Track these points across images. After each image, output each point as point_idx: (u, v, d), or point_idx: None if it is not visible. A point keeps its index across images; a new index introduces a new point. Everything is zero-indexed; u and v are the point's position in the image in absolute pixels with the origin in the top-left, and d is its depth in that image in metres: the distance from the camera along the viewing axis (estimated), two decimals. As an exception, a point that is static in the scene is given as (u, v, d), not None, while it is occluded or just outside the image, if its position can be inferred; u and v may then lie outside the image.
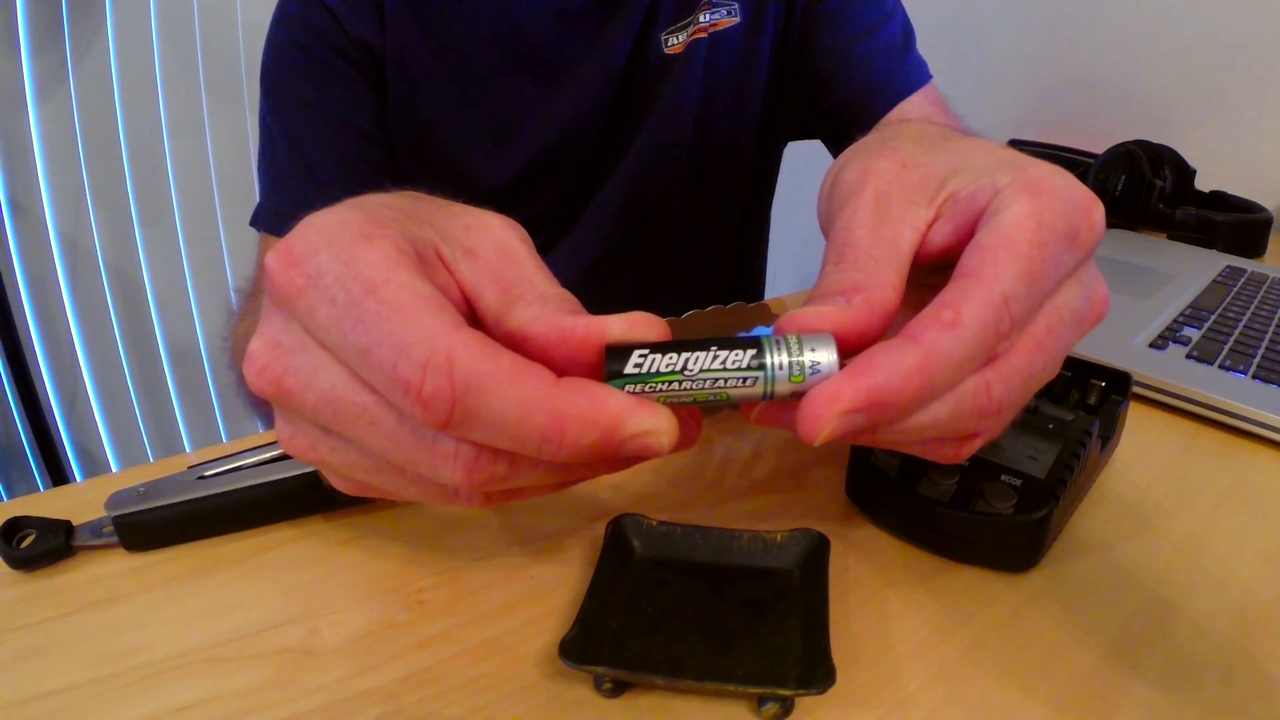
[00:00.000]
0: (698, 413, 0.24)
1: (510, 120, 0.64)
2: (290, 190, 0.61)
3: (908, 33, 0.67)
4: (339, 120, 0.61)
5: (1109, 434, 0.39)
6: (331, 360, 0.21)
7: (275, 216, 0.61)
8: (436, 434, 0.20)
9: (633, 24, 0.62)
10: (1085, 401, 0.40)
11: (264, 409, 0.54)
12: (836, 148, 0.72)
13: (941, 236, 0.25)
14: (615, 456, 0.21)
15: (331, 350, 0.21)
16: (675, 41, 0.63)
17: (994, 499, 0.32)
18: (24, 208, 1.38)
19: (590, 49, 0.62)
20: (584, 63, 0.62)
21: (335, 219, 0.21)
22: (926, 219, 0.25)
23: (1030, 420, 0.37)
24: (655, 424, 0.20)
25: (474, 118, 0.63)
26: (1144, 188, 0.90)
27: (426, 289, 0.20)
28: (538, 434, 0.20)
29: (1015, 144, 1.19)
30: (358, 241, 0.21)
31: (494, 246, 0.23)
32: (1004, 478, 0.33)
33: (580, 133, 0.64)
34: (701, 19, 0.63)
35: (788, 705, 0.26)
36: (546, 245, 0.70)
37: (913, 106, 0.65)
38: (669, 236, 0.71)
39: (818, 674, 0.25)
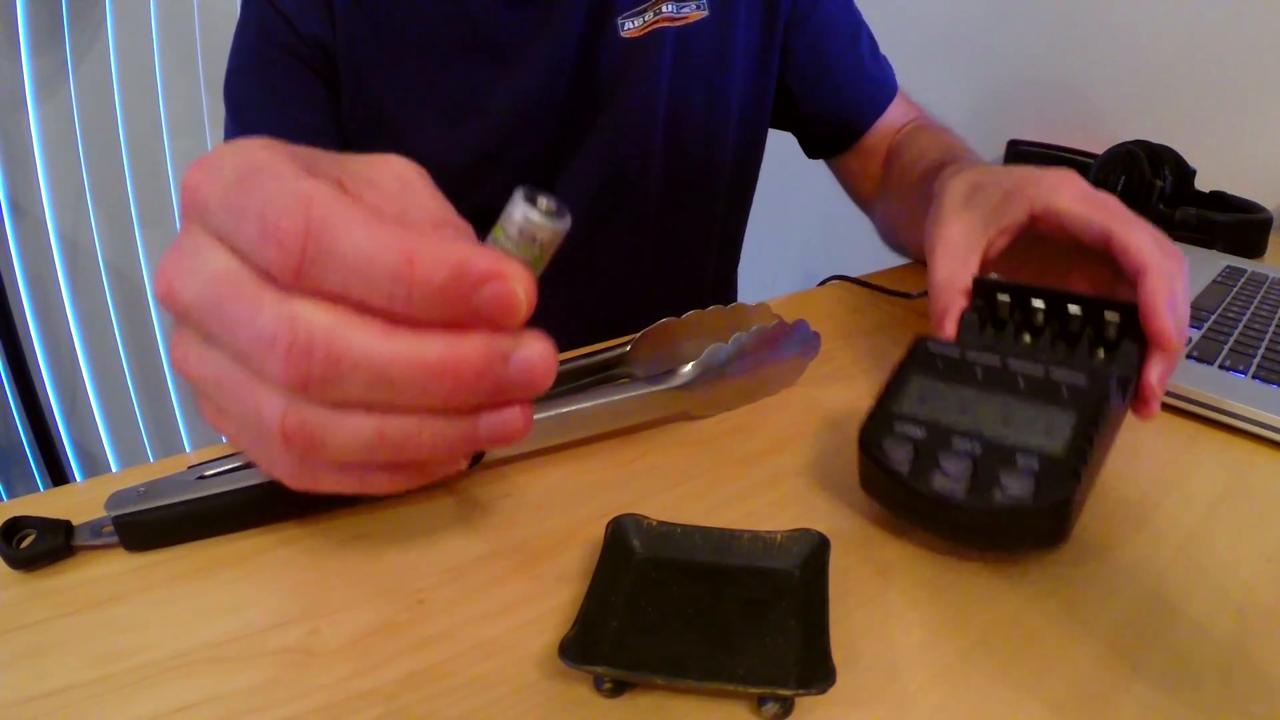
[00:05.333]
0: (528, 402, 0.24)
1: (464, 99, 0.64)
2: None
3: (870, 37, 0.74)
4: (293, 119, 0.62)
5: (1128, 377, 0.35)
6: (217, 246, 0.22)
7: None
8: (279, 300, 0.21)
9: (580, 6, 0.62)
10: (1103, 338, 0.38)
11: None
12: (812, 150, 0.80)
13: (1000, 244, 0.44)
14: (469, 312, 0.21)
15: (217, 233, 0.22)
16: (632, 25, 0.63)
17: (1011, 484, 0.30)
18: (24, 208, 1.38)
19: (538, 31, 0.62)
20: (533, 44, 0.62)
21: (244, 141, 0.23)
22: (989, 237, 0.43)
23: (1041, 388, 0.34)
24: (507, 268, 0.21)
25: (427, 97, 0.63)
26: (1144, 188, 0.90)
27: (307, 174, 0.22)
28: (389, 272, 0.20)
29: (1015, 144, 1.19)
30: (258, 148, 0.23)
31: (394, 178, 0.25)
32: (1019, 459, 0.31)
33: (537, 113, 0.64)
34: (666, 9, 0.64)
35: (788, 705, 0.26)
36: None
37: (895, 115, 0.74)
38: (649, 222, 0.71)
39: (818, 674, 0.25)
